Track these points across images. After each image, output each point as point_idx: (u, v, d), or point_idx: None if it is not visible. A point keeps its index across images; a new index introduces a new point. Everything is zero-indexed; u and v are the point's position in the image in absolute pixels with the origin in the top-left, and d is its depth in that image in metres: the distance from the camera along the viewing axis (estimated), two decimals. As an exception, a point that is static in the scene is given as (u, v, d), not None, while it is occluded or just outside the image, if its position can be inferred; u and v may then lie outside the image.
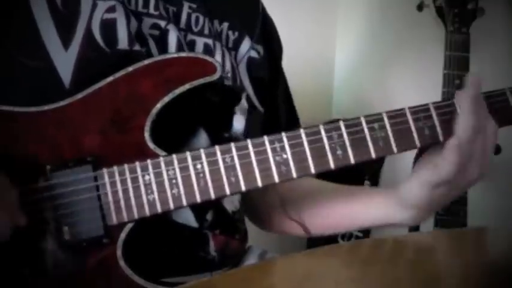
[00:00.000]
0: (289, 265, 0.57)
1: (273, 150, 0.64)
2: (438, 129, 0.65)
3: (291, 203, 0.81)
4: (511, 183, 1.47)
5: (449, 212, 1.30)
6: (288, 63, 1.00)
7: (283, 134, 0.65)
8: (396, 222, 0.72)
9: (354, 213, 0.77)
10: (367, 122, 0.65)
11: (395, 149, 0.65)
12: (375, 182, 1.63)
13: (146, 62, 0.68)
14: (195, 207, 0.72)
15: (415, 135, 0.65)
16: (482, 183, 1.58)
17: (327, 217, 0.80)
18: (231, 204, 0.79)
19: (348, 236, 1.64)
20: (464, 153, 0.64)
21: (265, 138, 0.65)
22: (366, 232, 1.65)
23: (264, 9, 0.90)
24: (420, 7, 1.39)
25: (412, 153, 1.33)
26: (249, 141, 0.65)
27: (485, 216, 1.44)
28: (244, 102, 0.80)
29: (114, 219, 0.63)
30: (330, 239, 1.63)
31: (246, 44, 0.83)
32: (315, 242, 1.65)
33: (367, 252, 0.62)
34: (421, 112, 0.66)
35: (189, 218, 0.72)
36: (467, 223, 1.29)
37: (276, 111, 0.89)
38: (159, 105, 0.66)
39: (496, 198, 1.49)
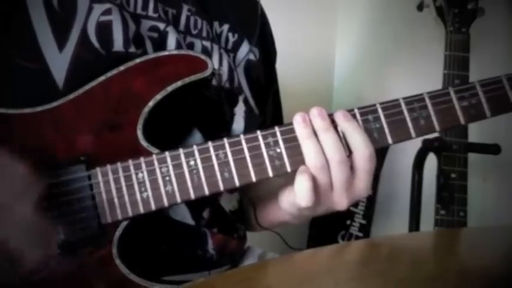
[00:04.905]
0: (289, 265, 0.56)
1: (267, 144, 0.64)
2: (434, 119, 0.65)
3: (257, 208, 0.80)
4: (511, 183, 1.46)
5: (449, 212, 1.30)
6: (288, 63, 1.00)
7: (277, 128, 0.64)
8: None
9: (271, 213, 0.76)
10: (361, 114, 0.65)
11: (390, 140, 0.65)
12: (375, 181, 1.63)
13: (138, 60, 0.68)
14: (191, 205, 0.72)
15: (410, 125, 0.65)
16: (482, 183, 1.58)
17: (265, 216, 0.78)
18: (229, 204, 0.79)
19: (348, 236, 1.64)
20: (319, 181, 0.63)
21: (259, 133, 0.64)
22: (366, 232, 1.65)
23: (263, 11, 0.89)
24: (420, 7, 1.39)
25: (412, 152, 1.33)
26: (242, 137, 0.64)
27: (485, 216, 1.44)
28: (241, 104, 0.80)
29: (108, 218, 0.63)
30: (330, 239, 1.63)
31: (245, 47, 0.83)
32: (315, 242, 1.66)
33: (367, 252, 0.61)
34: (415, 102, 0.65)
35: (185, 216, 0.72)
36: (467, 223, 1.29)
37: (264, 116, 0.88)
38: (151, 103, 0.66)
39: (496, 198, 1.49)
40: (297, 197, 0.63)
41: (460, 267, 0.51)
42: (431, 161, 1.34)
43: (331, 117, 0.65)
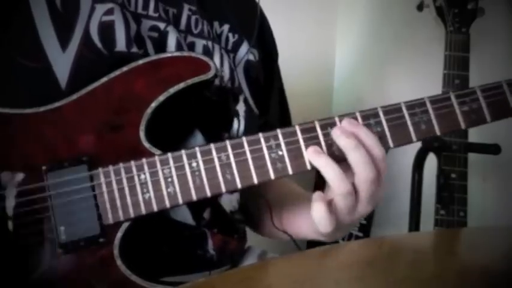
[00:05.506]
0: (289, 265, 0.56)
1: (269, 147, 0.64)
2: (435, 123, 0.65)
3: (275, 211, 0.80)
4: (511, 183, 1.47)
5: (449, 212, 1.30)
6: (288, 64, 1.00)
7: (279, 131, 0.65)
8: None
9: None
10: (363, 118, 0.65)
11: (391, 144, 0.65)
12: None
13: (141, 61, 0.68)
14: (192, 205, 0.72)
15: (411, 129, 0.65)
16: (482, 183, 1.58)
17: (291, 225, 0.78)
18: (230, 205, 0.79)
19: (347, 236, 1.64)
20: (345, 205, 0.63)
21: (261, 136, 0.65)
22: (366, 232, 1.65)
23: (261, 12, 0.89)
24: (420, 7, 1.39)
25: (412, 152, 1.33)
26: (244, 139, 0.64)
27: (485, 216, 1.44)
28: (242, 104, 0.80)
29: (110, 219, 0.63)
30: (329, 239, 1.63)
31: (244, 47, 0.83)
32: (315, 242, 1.66)
33: (367, 252, 0.61)
34: (417, 107, 0.65)
35: (186, 216, 0.72)
36: (467, 223, 1.29)
37: (268, 116, 0.88)
38: (154, 105, 0.66)
39: (496, 198, 1.49)
40: (316, 223, 0.64)
41: (460, 267, 0.52)
42: (431, 161, 1.34)
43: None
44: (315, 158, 0.63)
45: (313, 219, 0.64)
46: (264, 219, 0.83)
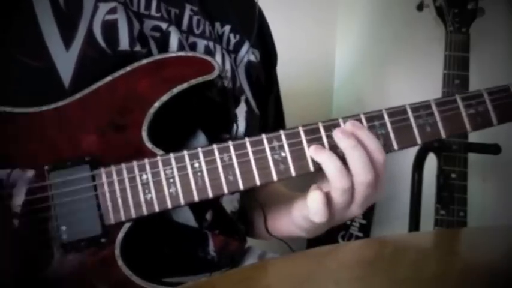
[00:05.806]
0: (289, 265, 0.56)
1: (272, 148, 0.64)
2: (440, 125, 0.65)
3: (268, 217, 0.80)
4: (511, 183, 1.47)
5: (449, 212, 1.30)
6: (288, 64, 1.00)
7: (282, 132, 0.65)
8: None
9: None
10: (367, 120, 0.65)
11: (396, 146, 0.65)
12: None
13: (145, 61, 0.68)
14: (194, 207, 0.72)
15: (416, 132, 0.65)
16: (482, 183, 1.58)
17: (274, 224, 0.78)
18: (230, 205, 0.79)
19: (348, 236, 1.64)
20: (342, 201, 0.64)
21: (264, 137, 0.64)
22: (366, 232, 1.65)
23: (261, 13, 0.90)
24: (420, 7, 1.39)
25: (412, 153, 1.33)
26: (246, 140, 0.64)
27: (485, 216, 1.44)
28: (243, 104, 0.80)
29: (111, 219, 0.63)
30: (330, 239, 1.63)
31: (245, 48, 0.83)
32: (315, 242, 1.66)
33: (367, 252, 0.62)
34: (422, 109, 0.66)
35: (188, 218, 0.72)
36: (467, 223, 1.29)
37: (266, 118, 0.89)
38: (157, 105, 0.66)
39: (496, 198, 1.49)
40: (311, 213, 0.64)
41: (460, 267, 0.52)
42: (431, 161, 1.34)
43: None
44: (317, 153, 0.64)
45: (308, 208, 0.64)
46: (256, 221, 0.83)
